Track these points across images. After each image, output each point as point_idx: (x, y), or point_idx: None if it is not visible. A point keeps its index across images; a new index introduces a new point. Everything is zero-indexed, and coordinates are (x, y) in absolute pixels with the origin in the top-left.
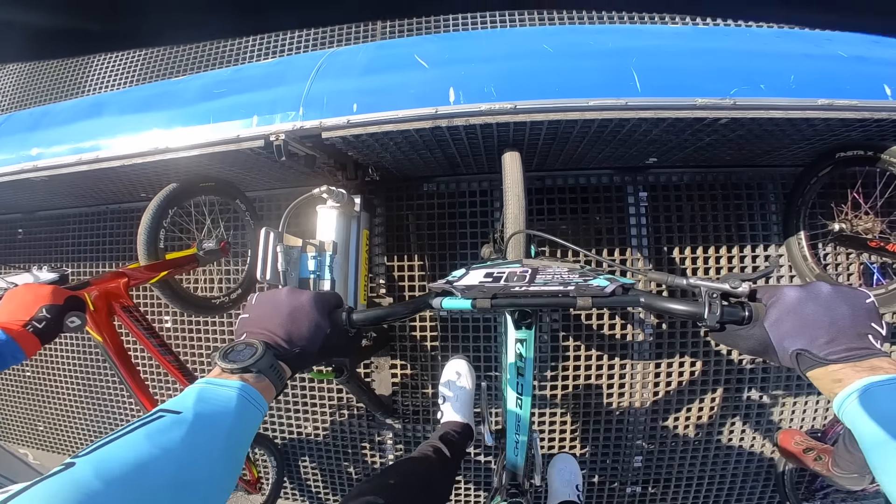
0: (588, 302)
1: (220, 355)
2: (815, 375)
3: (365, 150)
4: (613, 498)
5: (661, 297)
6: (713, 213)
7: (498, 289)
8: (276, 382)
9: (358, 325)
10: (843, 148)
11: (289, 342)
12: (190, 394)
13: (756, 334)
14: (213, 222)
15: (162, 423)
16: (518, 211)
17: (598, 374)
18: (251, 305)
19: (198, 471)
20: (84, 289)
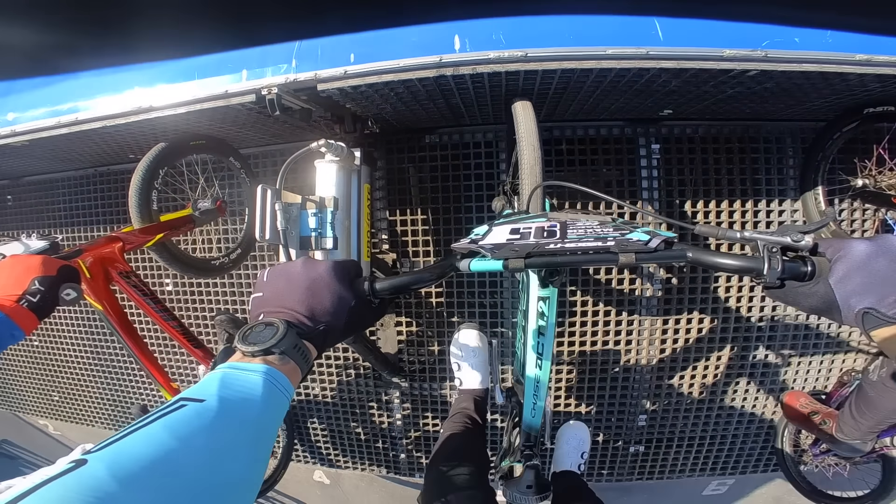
0: (631, 258)
1: (238, 338)
2: (882, 335)
3: (364, 101)
4: (617, 457)
5: (712, 252)
6: (728, 166)
7: (531, 247)
8: (301, 364)
9: (382, 295)
10: (873, 103)
11: (312, 318)
12: (212, 380)
13: (819, 291)
14: (208, 181)
15: (184, 413)
16: (534, 161)
17: (606, 330)
18: (263, 283)
19: (224, 465)
20: (77, 257)
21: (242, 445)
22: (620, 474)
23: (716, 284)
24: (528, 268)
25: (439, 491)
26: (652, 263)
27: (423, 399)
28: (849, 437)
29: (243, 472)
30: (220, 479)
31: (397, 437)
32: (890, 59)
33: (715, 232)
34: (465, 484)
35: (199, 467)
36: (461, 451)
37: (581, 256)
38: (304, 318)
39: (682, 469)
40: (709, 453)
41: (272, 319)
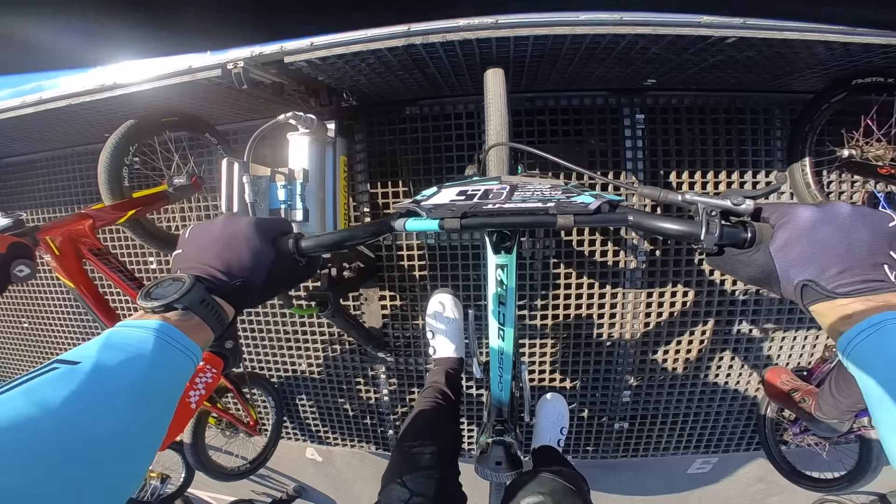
0: (570, 220)
1: (141, 294)
2: (820, 311)
3: (336, 73)
4: (602, 433)
5: (652, 216)
6: (714, 136)
7: (468, 206)
8: (210, 320)
9: (308, 253)
10: (861, 74)
11: (227, 273)
12: (95, 340)
13: (758, 260)
14: (184, 158)
15: (49, 378)
16: (500, 127)
17: (590, 303)
18: (184, 239)
19: (90, 428)
20: (35, 233)
21: (118, 405)
22: (605, 451)
23: (700, 257)
24: (463, 228)
25: (398, 471)
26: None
27: (409, 374)
28: (827, 416)
29: (116, 434)
30: (84, 440)
31: (385, 413)
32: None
33: (657, 194)
34: (425, 464)
35: (59, 429)
36: (426, 429)
37: (518, 217)
38: (219, 273)
39: (666, 447)
40: (693, 431)
41: (181, 275)
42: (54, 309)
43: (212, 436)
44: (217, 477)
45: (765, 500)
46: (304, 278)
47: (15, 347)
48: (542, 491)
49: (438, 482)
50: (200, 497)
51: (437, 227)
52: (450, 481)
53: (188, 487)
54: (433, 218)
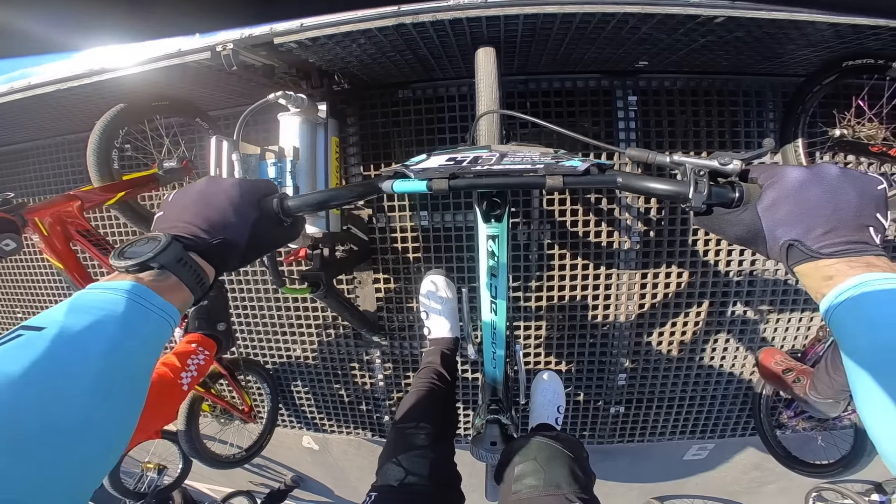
0: (559, 181)
1: (114, 253)
2: (804, 271)
3: (326, 54)
4: (598, 417)
5: (641, 176)
6: (707, 118)
7: (457, 168)
8: (189, 281)
9: (293, 212)
10: (852, 56)
11: (208, 231)
12: (63, 303)
13: (745, 219)
14: (174, 143)
15: (12, 345)
16: (491, 101)
17: (584, 284)
18: (166, 202)
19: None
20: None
21: (82, 380)
22: (602, 436)
23: (694, 238)
24: (452, 190)
25: (393, 451)
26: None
27: (405, 358)
28: (822, 396)
29: (84, 410)
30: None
31: (380, 399)
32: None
33: (645, 156)
34: (420, 443)
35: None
36: (421, 410)
37: (507, 178)
38: (199, 231)
39: (662, 431)
40: (689, 415)
41: (156, 234)
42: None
43: (206, 423)
44: (212, 464)
45: (761, 488)
46: (289, 239)
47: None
48: (537, 457)
49: (433, 461)
50: (198, 489)
51: (426, 188)
52: (444, 460)
53: (185, 478)
54: (421, 179)
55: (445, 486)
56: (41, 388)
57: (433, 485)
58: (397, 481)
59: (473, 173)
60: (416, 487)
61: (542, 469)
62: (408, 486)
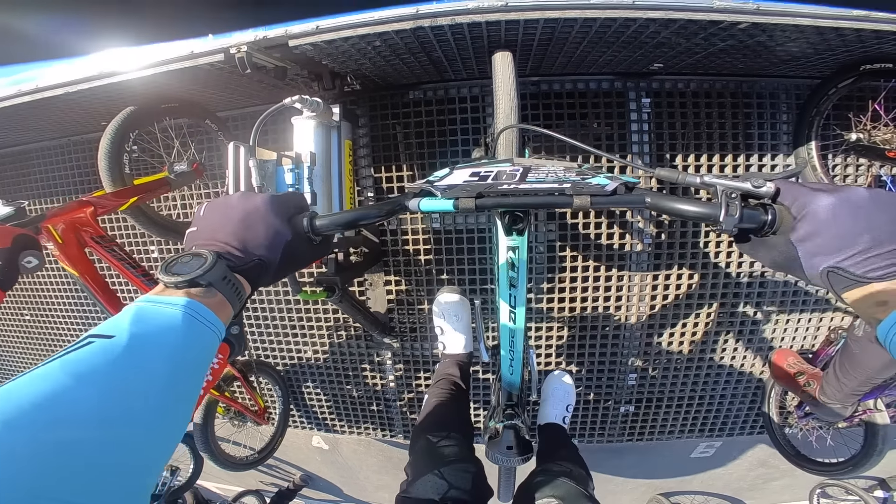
0: (586, 201)
1: (162, 268)
2: (853, 297)
3: (341, 57)
4: (608, 417)
5: (670, 197)
6: (720, 120)
7: (483, 187)
8: (231, 298)
9: (322, 232)
10: (870, 60)
11: (244, 251)
12: (125, 314)
13: (780, 246)
14: (184, 145)
15: (86, 351)
16: (510, 110)
17: (596, 286)
18: (199, 217)
19: (130, 401)
20: (40, 222)
21: (156, 380)
22: (611, 435)
23: (706, 240)
24: (479, 209)
25: (430, 462)
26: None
27: (416, 359)
28: (830, 400)
29: (157, 408)
30: (127, 413)
31: (391, 400)
32: (889, 16)
33: (675, 176)
34: (455, 456)
35: (100, 401)
36: (448, 420)
37: (534, 198)
38: (236, 251)
39: (671, 430)
40: (697, 414)
41: (201, 251)
42: (57, 299)
43: (220, 425)
44: (227, 466)
45: (766, 485)
46: (319, 256)
47: (17, 340)
48: (555, 494)
49: (475, 476)
50: (209, 489)
51: (452, 208)
52: (482, 475)
53: (197, 479)
54: (448, 198)
55: (482, 501)
56: (118, 390)
57: (474, 500)
58: (439, 495)
59: (500, 192)
60: (458, 502)
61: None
62: (450, 500)
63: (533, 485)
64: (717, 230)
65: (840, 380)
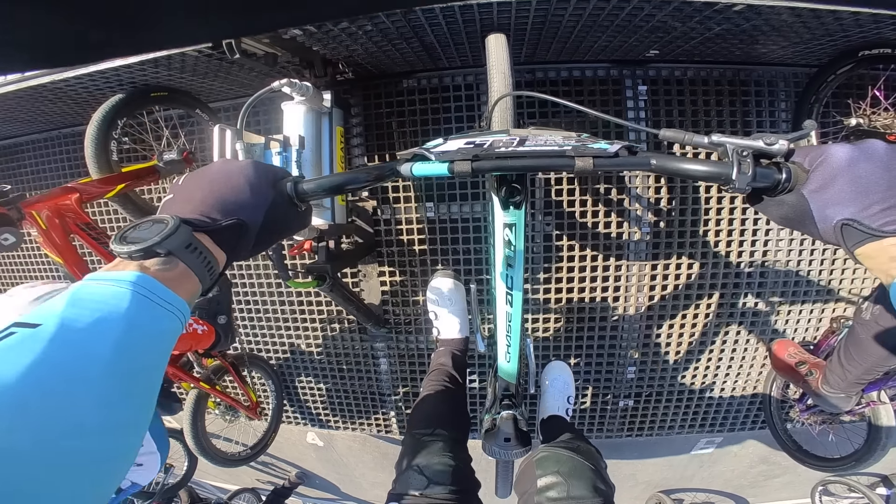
0: (588, 163)
1: (115, 237)
2: (867, 252)
3: (331, 43)
4: (607, 411)
5: (677, 157)
6: (718, 108)
7: (480, 150)
8: (198, 269)
9: (308, 196)
10: (869, 46)
11: (222, 209)
12: (60, 297)
13: (791, 200)
14: (174, 134)
15: (4, 345)
16: (503, 87)
17: (594, 276)
18: (176, 185)
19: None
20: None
21: (88, 384)
22: (611, 430)
23: (706, 228)
24: (475, 172)
25: (413, 458)
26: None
27: (410, 353)
28: (834, 390)
29: (91, 419)
30: (49, 433)
31: (386, 394)
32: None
33: (681, 137)
34: (441, 451)
35: (23, 414)
36: (438, 415)
37: (534, 160)
38: (212, 210)
39: (671, 425)
40: (697, 408)
41: (163, 216)
42: None
43: (211, 420)
44: (218, 462)
45: (767, 482)
46: (300, 226)
47: None
48: (560, 470)
49: (455, 469)
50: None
51: (447, 171)
52: (465, 468)
53: (192, 477)
54: (442, 161)
55: (466, 494)
56: (37, 398)
57: (455, 493)
58: (419, 490)
59: (497, 154)
60: (438, 496)
61: (566, 482)
62: (430, 495)
63: (534, 462)
64: (728, 189)
65: (845, 367)
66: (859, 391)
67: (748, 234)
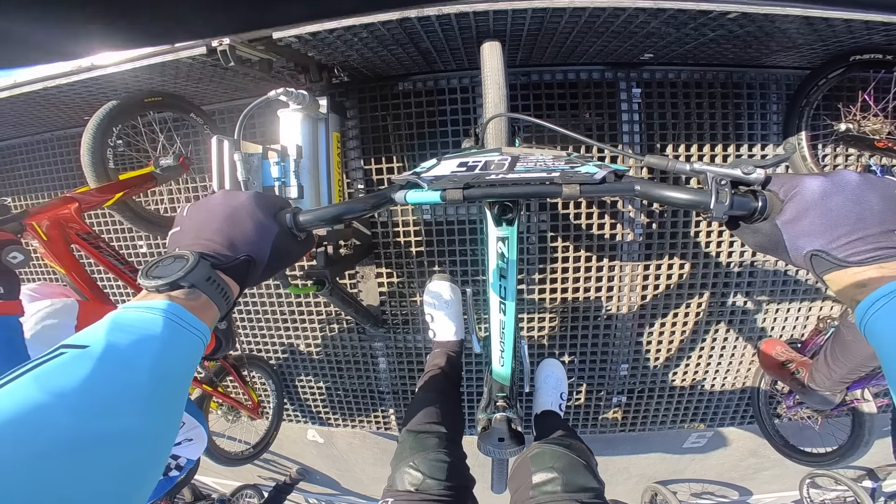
0: (575, 190)
1: (142, 273)
2: (834, 280)
3: (327, 49)
4: (600, 407)
5: (660, 185)
6: (711, 110)
7: (471, 177)
8: (216, 299)
9: (306, 227)
10: (860, 51)
11: (231, 248)
12: (101, 322)
13: (765, 229)
14: (170, 139)
15: (59, 363)
16: (498, 99)
17: (587, 276)
18: (182, 217)
19: (107, 417)
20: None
21: (132, 395)
22: (604, 426)
23: (697, 229)
24: (466, 200)
25: (408, 455)
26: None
27: (408, 352)
28: (820, 387)
29: (135, 423)
30: (101, 432)
31: (385, 392)
32: None
33: (664, 163)
34: (436, 447)
35: (74, 420)
36: (433, 413)
37: (522, 187)
38: (223, 248)
39: (663, 420)
40: (689, 404)
41: (183, 252)
42: None
43: (214, 420)
44: (222, 461)
45: (757, 475)
46: (303, 253)
47: None
48: (554, 465)
49: (450, 466)
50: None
51: (439, 199)
52: (460, 465)
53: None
54: (435, 189)
55: (461, 490)
56: (96, 406)
57: (450, 490)
58: (414, 486)
59: (488, 182)
60: (433, 493)
61: (560, 477)
62: (425, 492)
63: (529, 459)
64: (707, 217)
65: (830, 367)
66: (844, 389)
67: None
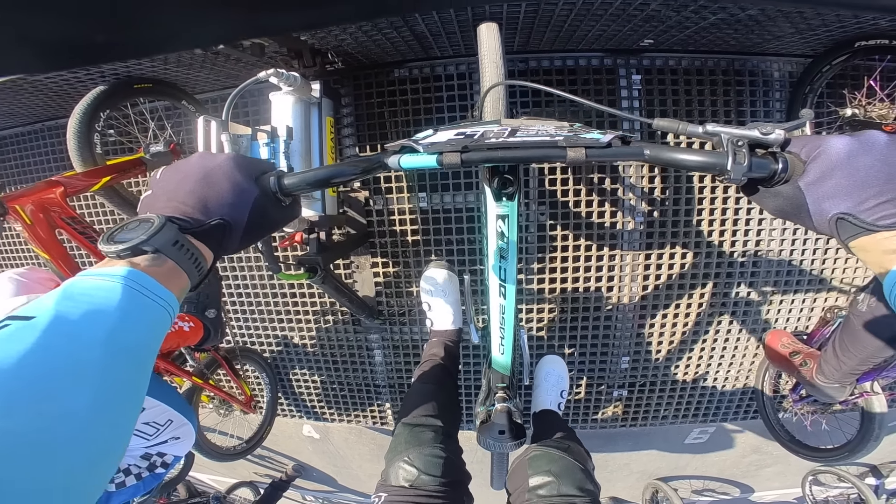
0: (581, 154)
1: (103, 238)
2: (861, 245)
3: (320, 33)
4: (601, 401)
5: (671, 147)
6: (712, 98)
7: (470, 142)
8: (186, 265)
9: (291, 191)
10: (865, 37)
11: (204, 211)
12: (53, 292)
13: (786, 192)
14: (160, 126)
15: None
16: (496, 75)
17: (587, 266)
18: (155, 180)
19: (47, 397)
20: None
21: (79, 371)
22: (605, 420)
23: (699, 218)
24: (464, 164)
25: (404, 450)
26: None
27: (405, 344)
28: (828, 380)
29: (82, 403)
30: (36, 415)
31: (381, 386)
32: None
33: (675, 126)
34: (432, 442)
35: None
36: (428, 406)
37: (525, 151)
38: (195, 211)
39: (665, 415)
40: (691, 399)
41: (149, 215)
42: None
43: (205, 414)
44: (213, 457)
45: (759, 471)
46: (287, 220)
47: None
48: (551, 469)
49: (445, 461)
50: (202, 480)
51: (436, 164)
52: (456, 460)
53: (190, 471)
54: (430, 153)
55: (457, 486)
56: (34, 383)
57: (445, 486)
58: (409, 482)
59: (487, 146)
60: (428, 489)
61: (556, 481)
62: (420, 488)
63: (526, 461)
64: (724, 180)
65: (839, 357)
66: (853, 381)
67: (741, 223)
